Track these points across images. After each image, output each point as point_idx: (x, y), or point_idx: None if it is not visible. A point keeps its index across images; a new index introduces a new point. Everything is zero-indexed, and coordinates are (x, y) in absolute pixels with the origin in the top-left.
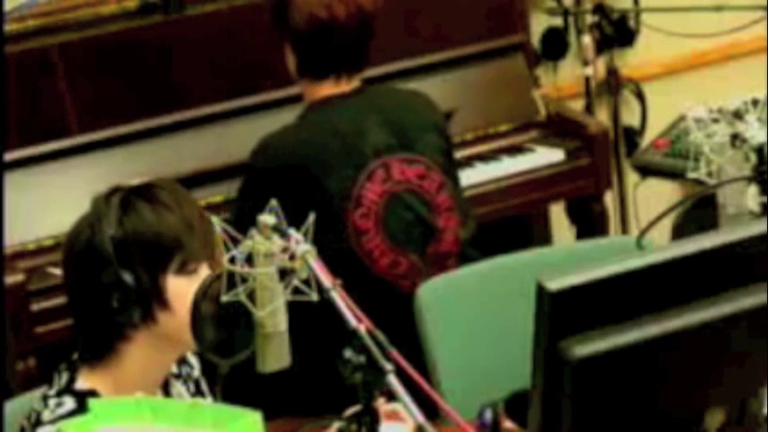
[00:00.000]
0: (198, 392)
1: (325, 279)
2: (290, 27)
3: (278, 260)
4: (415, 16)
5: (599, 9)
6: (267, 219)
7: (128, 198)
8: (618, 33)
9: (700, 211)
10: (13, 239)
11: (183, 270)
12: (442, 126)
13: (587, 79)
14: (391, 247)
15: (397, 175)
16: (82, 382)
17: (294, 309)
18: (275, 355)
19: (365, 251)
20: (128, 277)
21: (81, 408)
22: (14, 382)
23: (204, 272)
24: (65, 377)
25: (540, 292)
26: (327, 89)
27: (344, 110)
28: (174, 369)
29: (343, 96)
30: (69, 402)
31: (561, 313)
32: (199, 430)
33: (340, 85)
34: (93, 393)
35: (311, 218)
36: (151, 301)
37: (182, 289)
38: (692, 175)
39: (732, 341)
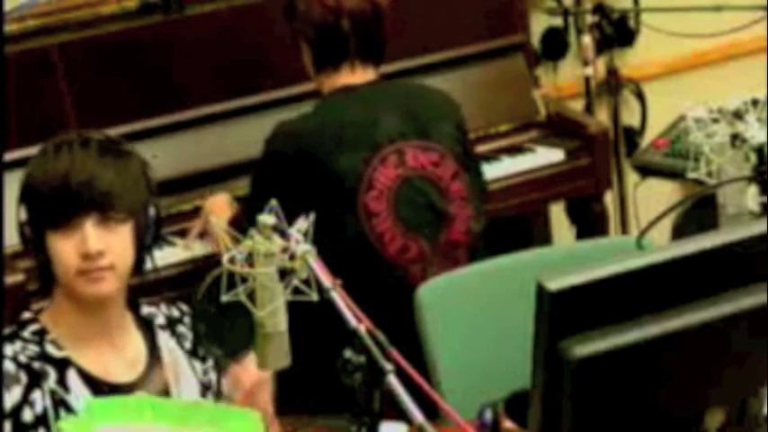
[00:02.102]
0: (193, 353)
1: (326, 279)
2: (303, 21)
3: (278, 260)
4: (415, 16)
5: (599, 9)
6: (267, 219)
7: (44, 148)
8: (618, 33)
9: (700, 211)
10: (13, 239)
11: (58, 228)
12: (459, 119)
13: (587, 79)
14: (402, 231)
15: (411, 160)
16: (28, 314)
17: (294, 309)
18: (275, 355)
19: (376, 234)
20: (22, 227)
21: (16, 333)
22: None
23: (91, 230)
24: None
25: (540, 292)
26: (344, 79)
27: (359, 98)
28: (161, 320)
29: (358, 86)
30: (9, 329)
31: (561, 313)
32: (198, 429)
33: (356, 75)
34: (33, 321)
35: (311, 217)
36: (39, 252)
37: (54, 246)
38: (692, 175)
39: (732, 341)
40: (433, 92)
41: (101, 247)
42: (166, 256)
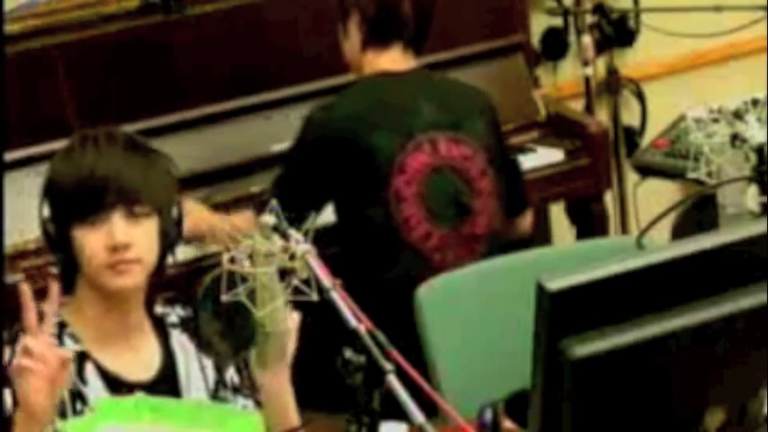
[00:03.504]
0: (201, 346)
1: (325, 279)
2: None
3: (278, 260)
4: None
5: (599, 9)
6: (267, 219)
7: (69, 144)
8: (618, 33)
9: (700, 211)
10: (14, 239)
11: (85, 221)
12: (494, 116)
13: (587, 79)
14: (427, 217)
15: (444, 150)
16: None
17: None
18: (275, 355)
19: (402, 218)
20: (45, 224)
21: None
22: None
23: (118, 223)
24: None
25: (540, 292)
26: (388, 62)
27: (397, 84)
28: (174, 318)
29: (397, 73)
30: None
31: (561, 313)
32: (199, 430)
33: (402, 58)
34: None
35: (312, 218)
36: (64, 248)
37: (81, 240)
38: (692, 175)
39: (732, 341)
40: (468, 87)
41: (128, 239)
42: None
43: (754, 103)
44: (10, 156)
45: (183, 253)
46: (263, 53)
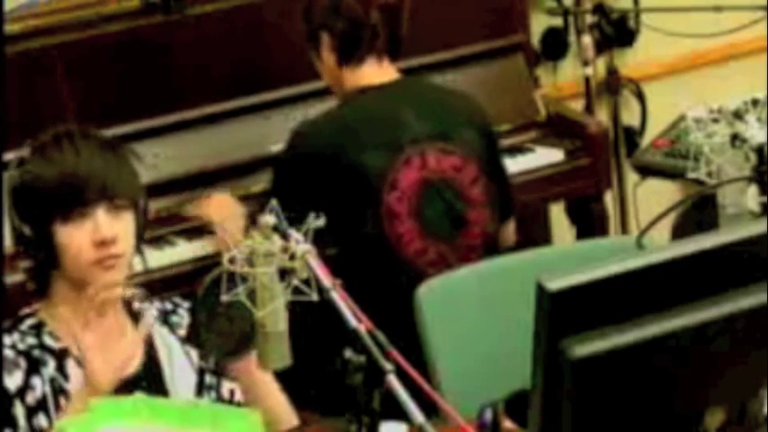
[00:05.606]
0: (187, 339)
1: (325, 279)
2: (331, 14)
3: (278, 260)
4: (415, 17)
5: (599, 9)
6: (267, 219)
7: (40, 144)
8: (618, 33)
9: (700, 211)
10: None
11: (68, 218)
12: (483, 123)
13: (587, 79)
14: (421, 233)
15: (433, 163)
16: (26, 310)
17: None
18: (275, 355)
19: (396, 234)
20: (20, 226)
21: (14, 326)
22: None
23: (101, 216)
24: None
25: (540, 292)
26: (368, 75)
27: (382, 98)
28: (153, 312)
29: (381, 86)
30: (7, 323)
31: (561, 313)
32: (197, 429)
33: (380, 69)
34: (30, 315)
35: (311, 218)
36: (42, 248)
37: (65, 238)
38: (692, 175)
39: (732, 341)
40: (454, 95)
41: (113, 233)
42: (167, 256)
43: (754, 103)
44: (10, 156)
45: (182, 253)
46: (263, 53)
